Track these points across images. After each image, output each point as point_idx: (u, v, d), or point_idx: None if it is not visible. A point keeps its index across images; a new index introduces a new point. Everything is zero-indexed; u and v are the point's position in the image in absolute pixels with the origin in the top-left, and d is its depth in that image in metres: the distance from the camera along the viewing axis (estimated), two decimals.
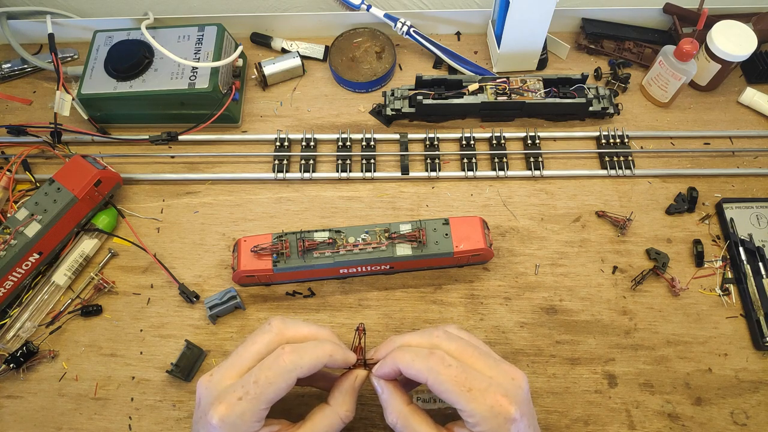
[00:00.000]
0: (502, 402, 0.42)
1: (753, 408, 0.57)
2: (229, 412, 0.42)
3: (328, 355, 0.45)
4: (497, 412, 0.41)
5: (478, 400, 0.41)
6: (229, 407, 0.42)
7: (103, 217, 0.66)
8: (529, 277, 0.64)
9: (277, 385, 0.42)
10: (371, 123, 0.75)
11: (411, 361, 0.44)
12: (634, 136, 0.72)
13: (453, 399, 0.42)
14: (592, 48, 0.79)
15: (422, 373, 0.43)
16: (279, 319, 0.47)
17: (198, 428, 0.44)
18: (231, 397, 0.42)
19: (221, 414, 0.42)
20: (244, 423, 0.42)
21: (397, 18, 0.76)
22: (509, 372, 0.44)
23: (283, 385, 0.43)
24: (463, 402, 0.42)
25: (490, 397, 0.42)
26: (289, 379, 0.43)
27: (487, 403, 0.41)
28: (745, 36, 0.69)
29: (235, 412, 0.42)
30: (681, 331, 0.61)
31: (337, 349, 0.45)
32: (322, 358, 0.44)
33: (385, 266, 0.61)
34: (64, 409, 0.58)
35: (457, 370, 0.43)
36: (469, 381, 0.42)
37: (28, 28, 0.80)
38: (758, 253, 0.63)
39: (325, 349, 0.45)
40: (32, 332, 0.61)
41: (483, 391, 0.42)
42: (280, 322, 0.47)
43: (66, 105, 0.68)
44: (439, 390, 0.43)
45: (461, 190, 0.70)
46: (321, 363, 0.44)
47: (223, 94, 0.70)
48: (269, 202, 0.69)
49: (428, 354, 0.44)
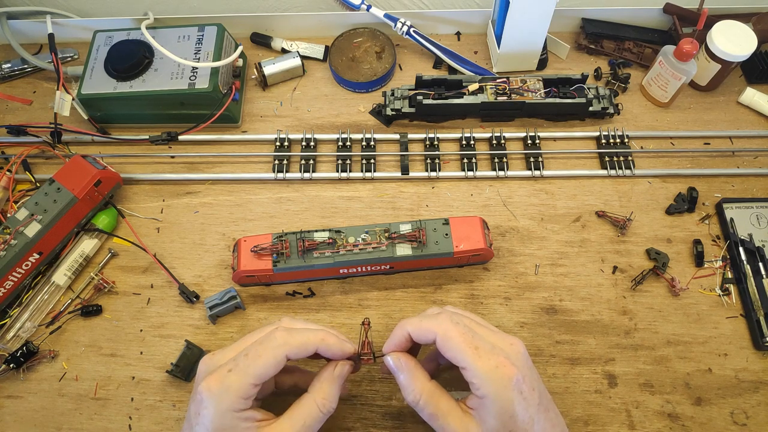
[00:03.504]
0: (505, 363, 0.43)
1: (753, 408, 0.57)
2: (217, 383, 0.43)
3: (320, 339, 0.46)
4: (501, 372, 0.43)
5: (484, 359, 0.43)
6: (218, 379, 0.43)
7: (103, 217, 0.66)
8: (529, 277, 0.64)
9: (265, 358, 0.43)
10: (371, 123, 0.75)
11: (419, 321, 0.46)
12: (634, 136, 0.72)
13: (460, 357, 0.44)
14: (592, 48, 0.79)
15: (431, 331, 0.45)
16: (289, 317, 0.50)
17: (190, 403, 0.45)
18: (222, 370, 0.44)
19: (210, 385, 0.43)
20: (231, 397, 0.43)
21: (397, 18, 0.76)
22: (507, 339, 0.47)
23: (272, 360, 0.44)
24: (470, 359, 0.43)
25: (494, 357, 0.43)
26: (278, 354, 0.44)
27: (491, 363, 0.43)
28: (745, 36, 0.69)
29: (223, 384, 0.43)
30: (681, 331, 0.61)
31: (331, 337, 0.47)
32: (314, 340, 0.46)
33: (385, 266, 0.61)
34: (64, 409, 0.58)
35: (464, 329, 0.45)
36: (475, 341, 0.44)
37: (28, 28, 0.80)
38: (758, 253, 0.63)
39: (318, 334, 0.46)
40: (32, 332, 0.61)
41: (488, 351, 0.44)
42: (289, 320, 0.49)
43: (66, 105, 0.68)
44: (447, 346, 0.44)
45: (461, 190, 0.70)
46: (311, 345, 0.46)
47: (223, 94, 0.70)
48: (269, 202, 0.69)
49: (436, 314, 0.46)
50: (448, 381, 0.54)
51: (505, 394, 0.43)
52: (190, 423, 0.44)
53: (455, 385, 0.53)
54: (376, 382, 0.58)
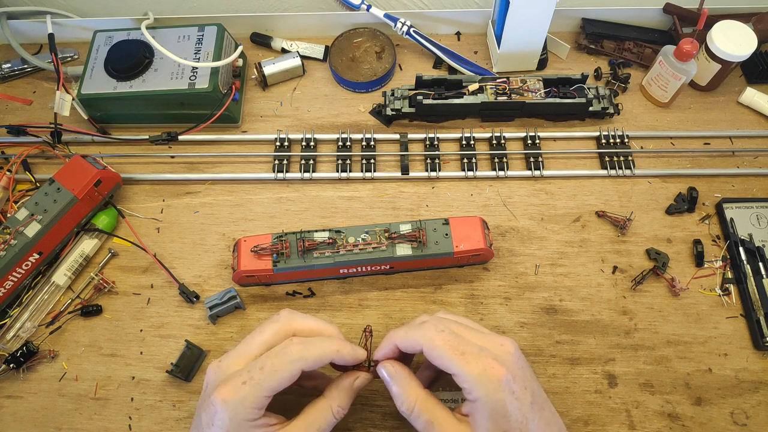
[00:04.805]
0: (493, 365, 0.43)
1: (753, 408, 0.57)
2: (232, 395, 0.43)
3: (335, 350, 0.46)
4: (490, 374, 0.43)
5: (471, 364, 0.43)
6: (232, 390, 0.43)
7: (103, 217, 0.66)
8: (529, 277, 0.64)
9: (281, 373, 0.43)
10: (371, 123, 0.75)
11: (404, 333, 0.47)
12: (634, 136, 0.72)
13: (447, 363, 0.44)
14: (592, 48, 0.79)
15: (417, 342, 0.45)
16: (287, 310, 0.49)
17: (200, 411, 0.45)
18: (236, 381, 0.43)
19: (224, 396, 0.43)
20: (245, 408, 0.43)
21: (397, 18, 0.76)
22: (497, 340, 0.47)
23: (287, 374, 0.43)
24: (457, 365, 0.43)
25: (482, 360, 0.44)
26: (293, 369, 0.44)
27: (479, 366, 0.43)
28: (745, 36, 0.69)
29: (238, 395, 0.43)
30: (681, 331, 0.61)
31: (345, 346, 0.47)
32: (329, 352, 0.46)
33: (385, 266, 0.61)
34: (64, 409, 0.58)
35: (450, 335, 0.45)
36: (461, 346, 0.44)
37: (28, 28, 0.80)
38: (758, 253, 0.63)
39: (333, 345, 0.46)
40: (32, 332, 0.61)
41: (475, 355, 0.44)
42: (288, 313, 0.49)
43: (66, 105, 0.68)
44: (434, 355, 0.44)
45: (461, 190, 0.70)
46: (327, 357, 0.45)
47: (223, 94, 0.70)
48: (269, 202, 0.69)
49: (420, 324, 0.47)
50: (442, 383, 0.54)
51: (495, 396, 0.43)
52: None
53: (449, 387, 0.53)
54: (376, 382, 0.58)
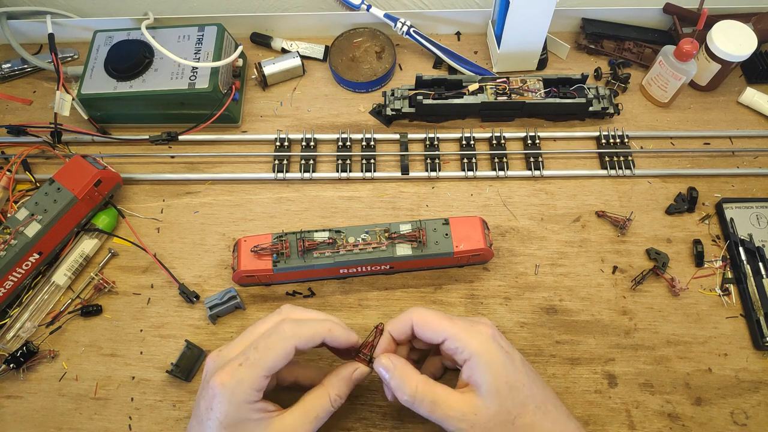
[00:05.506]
0: (479, 325, 0.48)
1: (753, 408, 0.57)
2: (229, 378, 0.44)
3: (327, 329, 0.47)
4: (478, 329, 0.48)
5: (460, 325, 0.48)
6: (229, 373, 0.44)
7: (103, 217, 0.66)
8: (529, 277, 0.64)
9: (275, 351, 0.44)
10: (371, 123, 0.75)
11: (394, 322, 0.50)
12: (634, 136, 0.72)
13: (439, 329, 0.48)
14: (592, 48, 0.79)
15: (408, 319, 0.49)
16: (289, 305, 0.50)
17: (199, 399, 0.45)
18: (233, 364, 0.44)
19: (222, 379, 0.44)
20: (243, 389, 0.43)
21: (397, 18, 0.76)
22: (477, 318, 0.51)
23: (282, 352, 0.45)
24: (448, 328, 0.47)
25: (468, 322, 0.48)
26: (287, 346, 0.45)
27: (467, 325, 0.48)
28: (745, 36, 0.69)
29: (235, 377, 0.44)
30: (681, 331, 0.61)
31: (337, 327, 0.48)
32: (321, 330, 0.47)
33: (385, 266, 0.61)
34: (64, 409, 0.58)
35: (438, 311, 0.49)
36: (450, 317, 0.49)
37: (28, 28, 0.80)
38: (758, 253, 0.63)
39: (325, 325, 0.48)
40: (32, 332, 0.61)
41: (462, 320, 0.49)
42: (289, 306, 0.50)
43: (66, 105, 0.68)
44: (425, 327, 0.48)
45: (461, 190, 0.70)
46: (319, 336, 0.47)
47: (223, 94, 0.70)
48: (269, 202, 0.69)
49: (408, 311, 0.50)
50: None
51: (488, 346, 0.46)
52: (200, 419, 0.44)
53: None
54: (376, 381, 0.58)
